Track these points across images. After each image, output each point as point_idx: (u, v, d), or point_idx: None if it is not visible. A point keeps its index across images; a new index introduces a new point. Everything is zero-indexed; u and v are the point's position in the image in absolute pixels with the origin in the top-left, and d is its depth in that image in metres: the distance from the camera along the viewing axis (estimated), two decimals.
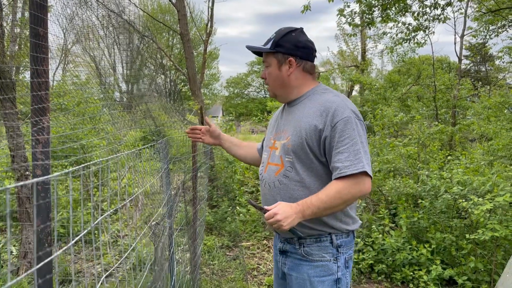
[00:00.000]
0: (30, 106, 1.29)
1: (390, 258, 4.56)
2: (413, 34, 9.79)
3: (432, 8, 8.87)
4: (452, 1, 8.88)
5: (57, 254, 0.88)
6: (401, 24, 9.60)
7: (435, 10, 8.92)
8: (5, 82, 3.74)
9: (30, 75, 1.30)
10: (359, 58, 21.24)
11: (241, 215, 6.55)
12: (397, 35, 10.18)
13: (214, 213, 6.57)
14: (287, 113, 2.06)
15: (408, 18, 27.11)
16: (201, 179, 4.87)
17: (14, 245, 5.16)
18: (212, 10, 8.82)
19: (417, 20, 9.26)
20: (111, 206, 5.73)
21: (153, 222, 2.30)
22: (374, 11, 8.53)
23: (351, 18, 8.58)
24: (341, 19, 8.58)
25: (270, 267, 4.95)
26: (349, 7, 8.40)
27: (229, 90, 57.39)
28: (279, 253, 2.07)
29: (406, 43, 10.20)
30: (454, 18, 14.34)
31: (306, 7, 7.85)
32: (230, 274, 4.75)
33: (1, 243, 5.12)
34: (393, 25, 9.74)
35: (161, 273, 2.14)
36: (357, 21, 9.00)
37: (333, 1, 7.60)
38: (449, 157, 6.61)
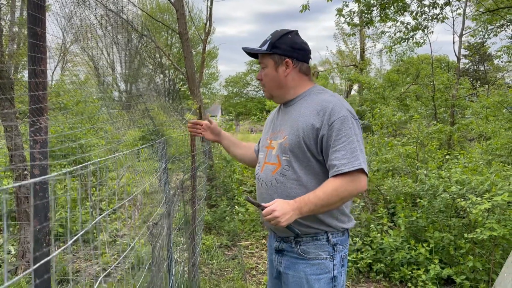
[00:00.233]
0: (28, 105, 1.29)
1: (389, 257, 4.57)
2: (411, 34, 9.79)
3: (431, 7, 8.88)
4: (451, 0, 8.89)
5: (54, 254, 0.88)
6: (400, 23, 9.60)
7: (434, 9, 8.93)
8: (3, 81, 3.73)
9: (28, 75, 1.30)
10: (358, 58, 21.24)
11: (240, 214, 6.55)
12: (395, 34, 10.18)
13: (213, 212, 6.56)
14: (283, 113, 2.08)
15: (407, 18, 27.14)
16: (200, 178, 4.87)
17: (13, 245, 5.15)
18: (211, 9, 8.82)
19: (416, 20, 9.26)
20: (109, 205, 5.73)
21: (151, 222, 2.30)
22: (373, 11, 8.53)
23: (349, 17, 8.58)
24: (340, 18, 8.59)
25: None
26: (347, 6, 8.41)
27: (228, 90, 57.37)
28: (274, 252, 2.08)
29: (404, 42, 10.21)
30: (453, 17, 14.40)
31: (305, 7, 7.85)
32: (228, 273, 4.76)
33: None
34: (391, 24, 9.74)
35: (158, 273, 2.14)
36: (356, 20, 9.00)
37: (331, 0, 7.60)
38: (447, 157, 6.62)
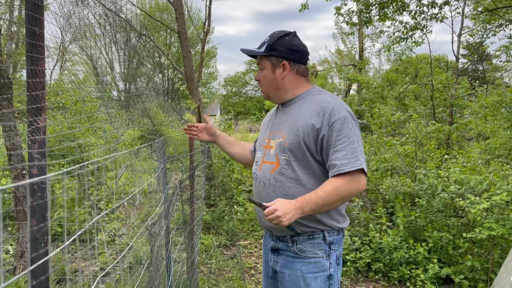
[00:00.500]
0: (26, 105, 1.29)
1: (387, 257, 4.57)
2: (410, 33, 9.80)
3: (430, 7, 8.88)
4: (450, 0, 8.89)
5: (51, 255, 0.88)
6: (399, 22, 9.60)
7: (433, 9, 8.92)
8: (1, 81, 3.72)
9: (26, 74, 1.30)
10: (357, 57, 21.24)
11: (239, 214, 6.55)
12: (394, 33, 10.18)
13: (212, 212, 6.56)
14: (281, 114, 2.10)
15: (406, 17, 27.15)
16: (199, 178, 4.86)
17: (11, 245, 5.15)
18: (209, 8, 8.81)
19: (415, 19, 9.26)
20: (108, 205, 5.72)
21: (149, 221, 2.30)
22: (372, 10, 8.52)
23: (348, 17, 8.58)
24: (338, 17, 8.58)
25: None
26: (346, 5, 8.40)
27: (227, 89, 57.37)
28: (270, 252, 2.10)
29: (403, 42, 10.21)
30: (452, 17, 14.42)
31: (304, 6, 7.84)
32: (227, 273, 4.76)
33: None
34: (390, 23, 9.74)
35: (157, 273, 2.14)
36: (355, 19, 9.00)
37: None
38: (446, 156, 6.63)
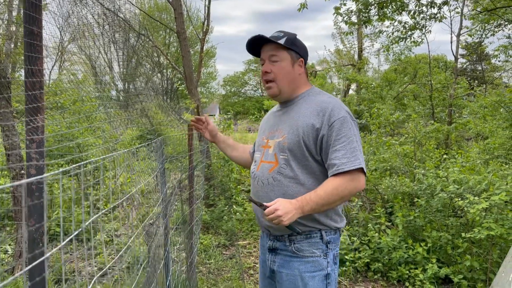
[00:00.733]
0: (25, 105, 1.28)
1: (386, 257, 4.57)
2: (409, 33, 9.80)
3: (429, 7, 8.88)
4: (449, 0, 8.89)
5: (47, 255, 0.87)
6: (398, 22, 9.61)
7: (432, 9, 8.93)
8: (0, 80, 3.72)
9: (24, 74, 1.30)
10: (356, 57, 21.23)
11: (238, 214, 6.55)
12: (393, 33, 10.18)
13: (211, 212, 6.56)
14: (280, 114, 2.12)
15: (405, 17, 27.17)
16: (198, 177, 4.86)
17: (10, 244, 5.14)
18: (208, 8, 8.80)
19: (414, 19, 9.27)
20: (106, 205, 5.71)
21: (147, 222, 2.30)
22: (371, 9, 8.52)
23: (347, 16, 8.58)
24: (337, 17, 8.58)
25: None
26: (345, 5, 8.40)
27: (226, 89, 57.40)
28: (268, 252, 2.10)
29: (402, 41, 10.22)
30: (451, 17, 14.41)
31: (303, 5, 7.83)
32: (226, 273, 4.75)
33: None
34: (389, 23, 9.74)
35: (154, 274, 2.13)
36: (354, 19, 8.99)
37: None
38: (445, 156, 6.62)
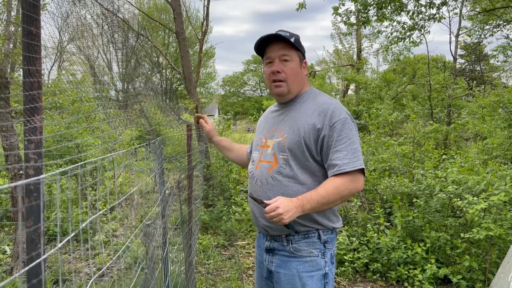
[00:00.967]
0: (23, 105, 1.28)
1: (385, 257, 4.57)
2: (408, 33, 9.81)
3: (427, 7, 8.89)
4: (447, 0, 8.90)
5: (44, 257, 0.87)
6: (397, 23, 9.62)
7: (431, 9, 8.94)
8: None
9: (22, 74, 1.29)
10: (355, 57, 21.25)
11: (237, 214, 6.54)
12: (392, 34, 10.19)
13: (210, 212, 6.55)
14: (279, 113, 2.12)
15: (404, 17, 27.17)
16: (197, 178, 4.85)
17: (8, 245, 5.14)
18: (207, 8, 8.80)
19: (413, 19, 9.28)
20: (105, 205, 5.71)
21: (145, 222, 2.29)
22: (370, 10, 8.53)
23: (346, 17, 8.58)
24: (336, 17, 8.58)
25: None
26: (344, 5, 8.40)
27: (225, 89, 57.43)
28: (265, 252, 2.10)
29: (401, 42, 10.23)
30: (449, 17, 14.42)
31: (302, 5, 7.84)
32: (225, 273, 4.75)
33: None
34: (388, 24, 9.76)
35: (152, 274, 2.13)
36: (353, 20, 9.00)
37: None
38: (444, 156, 6.63)
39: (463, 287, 4.03)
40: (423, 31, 9.73)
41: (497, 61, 15.98)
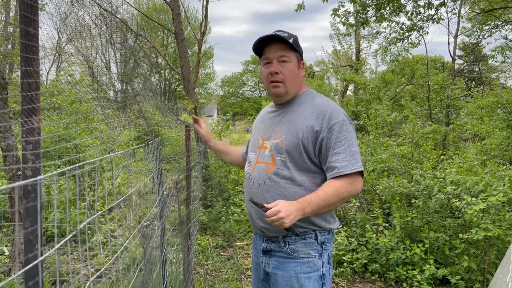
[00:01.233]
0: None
1: (384, 258, 4.57)
2: (407, 34, 9.82)
3: (426, 8, 8.90)
4: (446, 1, 8.91)
5: (41, 259, 0.87)
6: (395, 24, 9.62)
7: (429, 10, 8.95)
8: None
9: (20, 75, 1.29)
10: (353, 58, 21.27)
11: (236, 215, 6.54)
12: (390, 34, 10.20)
13: (208, 213, 6.55)
14: (276, 115, 2.11)
15: (402, 18, 27.19)
16: (195, 178, 4.85)
17: (7, 246, 5.13)
18: (206, 9, 8.79)
19: (411, 20, 9.29)
20: (103, 206, 5.70)
21: (142, 223, 2.29)
22: (368, 11, 8.54)
23: (345, 17, 8.58)
24: (335, 18, 8.58)
25: None
26: (343, 6, 8.41)
27: (224, 90, 57.38)
28: (261, 254, 2.10)
29: (400, 43, 10.24)
30: (448, 18, 14.45)
31: (300, 6, 7.84)
32: (224, 274, 4.75)
33: None
34: (387, 25, 9.77)
35: (149, 275, 2.13)
36: (351, 20, 9.01)
37: (327, 1, 7.59)
38: (442, 157, 6.64)
39: (461, 287, 4.04)
40: (421, 32, 9.74)
41: (496, 62, 16.01)
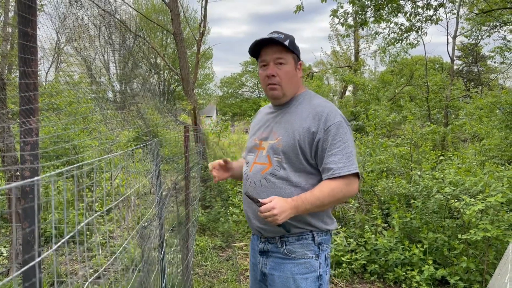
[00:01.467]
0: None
1: (383, 258, 4.57)
2: (405, 35, 9.83)
3: (425, 9, 8.91)
4: (445, 2, 8.93)
5: (38, 260, 0.87)
6: (394, 24, 9.63)
7: (428, 11, 8.96)
8: None
9: (18, 75, 1.29)
10: (352, 59, 21.30)
11: (234, 215, 6.53)
12: (389, 35, 10.21)
13: (207, 213, 6.54)
14: (274, 116, 2.11)
15: (401, 19, 27.23)
16: (194, 179, 4.85)
17: (5, 246, 5.12)
18: (205, 9, 8.80)
19: (410, 21, 9.29)
20: (102, 207, 5.69)
21: (141, 224, 2.29)
22: (367, 12, 8.54)
23: (344, 18, 8.59)
24: (334, 19, 8.59)
25: None
26: (342, 7, 8.41)
27: (223, 90, 57.36)
28: (259, 254, 2.10)
29: (398, 43, 10.24)
30: (447, 19, 14.50)
31: (299, 7, 7.84)
32: (223, 275, 4.74)
33: None
34: (385, 25, 9.77)
35: (147, 277, 2.13)
36: (350, 21, 9.01)
37: (326, 1, 7.60)
38: (441, 157, 6.65)
39: None
40: (420, 32, 9.75)
41: (494, 63, 16.02)
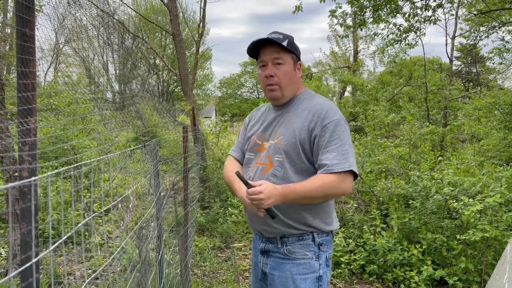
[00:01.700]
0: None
1: (382, 259, 4.57)
2: (404, 35, 9.84)
3: (423, 9, 8.92)
4: (443, 2, 8.94)
5: (34, 260, 0.87)
6: (393, 25, 9.64)
7: (426, 11, 8.97)
8: None
9: (16, 76, 1.29)
10: (351, 59, 21.31)
11: (233, 216, 6.53)
12: (388, 36, 10.22)
13: (206, 214, 6.54)
14: (275, 116, 2.10)
15: (400, 20, 27.26)
16: (193, 180, 4.85)
17: (3, 247, 5.11)
18: (204, 10, 8.80)
19: (408, 21, 9.30)
20: (100, 207, 5.68)
21: (138, 225, 2.29)
22: (366, 12, 8.55)
23: (342, 19, 8.60)
24: (332, 20, 8.61)
25: None
26: (341, 8, 8.42)
27: (222, 91, 57.33)
28: (260, 254, 2.10)
29: (397, 44, 10.26)
30: (445, 19, 14.53)
31: (298, 8, 7.86)
32: (221, 275, 4.74)
33: None
34: (384, 26, 9.78)
35: (144, 277, 2.13)
36: (349, 22, 9.03)
37: (324, 1, 7.60)
38: (440, 158, 6.65)
39: None
40: (419, 33, 9.76)
41: (493, 63, 16.05)
